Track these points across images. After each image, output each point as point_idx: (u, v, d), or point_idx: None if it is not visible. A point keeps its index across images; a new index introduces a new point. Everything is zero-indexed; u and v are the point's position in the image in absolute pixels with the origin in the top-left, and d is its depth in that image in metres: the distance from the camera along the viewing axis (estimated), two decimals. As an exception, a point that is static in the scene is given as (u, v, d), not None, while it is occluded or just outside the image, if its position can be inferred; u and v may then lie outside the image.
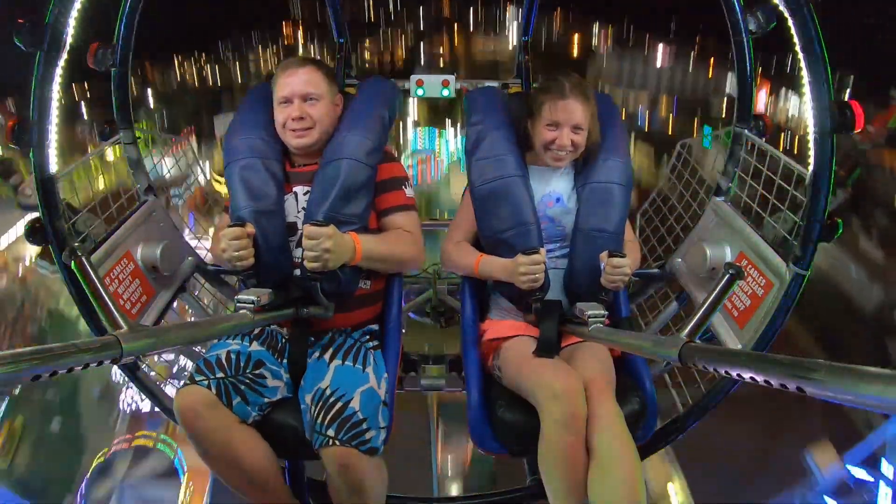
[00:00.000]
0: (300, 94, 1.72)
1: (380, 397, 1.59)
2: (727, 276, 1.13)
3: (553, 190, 1.87)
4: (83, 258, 1.04)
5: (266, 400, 1.59)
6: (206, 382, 1.51)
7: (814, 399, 0.70)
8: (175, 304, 2.26)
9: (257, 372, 1.61)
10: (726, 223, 2.28)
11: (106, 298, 1.01)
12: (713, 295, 1.13)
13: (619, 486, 1.43)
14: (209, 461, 1.53)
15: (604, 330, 1.48)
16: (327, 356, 1.67)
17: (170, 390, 2.18)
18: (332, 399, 1.51)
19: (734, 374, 0.82)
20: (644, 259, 2.69)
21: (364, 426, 1.47)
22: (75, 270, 1.05)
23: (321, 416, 1.48)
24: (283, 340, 1.75)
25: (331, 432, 1.45)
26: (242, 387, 1.55)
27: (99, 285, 1.03)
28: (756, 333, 1.96)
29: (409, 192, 1.85)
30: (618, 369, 1.67)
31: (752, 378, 0.79)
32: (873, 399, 0.60)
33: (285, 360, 1.71)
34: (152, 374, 2.16)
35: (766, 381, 0.76)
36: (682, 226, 2.58)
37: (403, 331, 1.98)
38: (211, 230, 2.56)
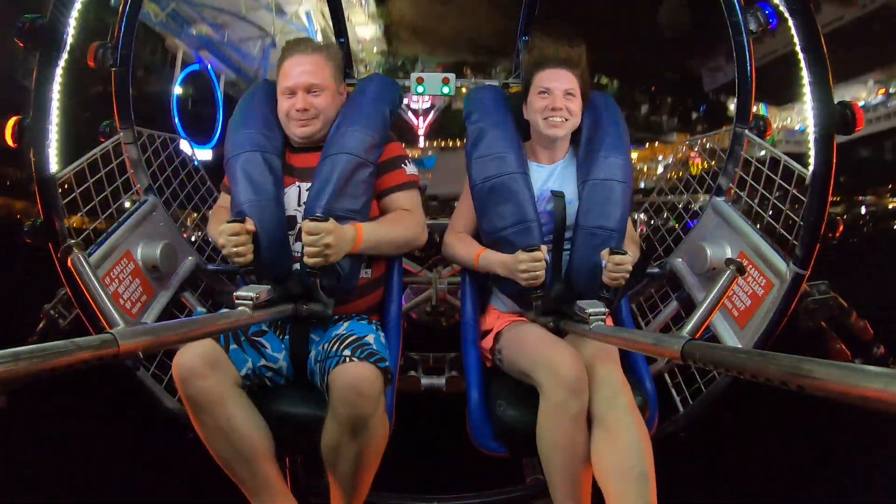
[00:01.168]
0: (305, 85, 1.71)
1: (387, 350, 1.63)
2: (728, 271, 1.13)
3: (552, 185, 1.86)
4: (78, 255, 1.04)
5: (262, 363, 1.59)
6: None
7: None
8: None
9: (258, 339, 1.63)
10: (726, 223, 2.27)
11: (102, 296, 1.00)
12: (715, 291, 1.12)
13: (627, 452, 1.38)
14: (202, 424, 1.47)
15: (605, 328, 1.47)
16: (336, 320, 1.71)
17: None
18: (349, 337, 1.55)
19: (735, 372, 0.82)
20: (644, 258, 2.69)
21: (379, 355, 1.49)
22: (71, 268, 1.04)
23: (337, 345, 1.51)
24: (286, 318, 1.72)
25: (347, 352, 1.47)
26: (242, 339, 1.59)
27: (96, 283, 1.02)
28: (756, 334, 1.96)
29: (409, 169, 1.83)
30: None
31: (752, 377, 0.78)
32: (874, 398, 0.60)
33: (286, 337, 1.70)
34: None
35: (766, 380, 0.76)
36: (682, 226, 2.59)
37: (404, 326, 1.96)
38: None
